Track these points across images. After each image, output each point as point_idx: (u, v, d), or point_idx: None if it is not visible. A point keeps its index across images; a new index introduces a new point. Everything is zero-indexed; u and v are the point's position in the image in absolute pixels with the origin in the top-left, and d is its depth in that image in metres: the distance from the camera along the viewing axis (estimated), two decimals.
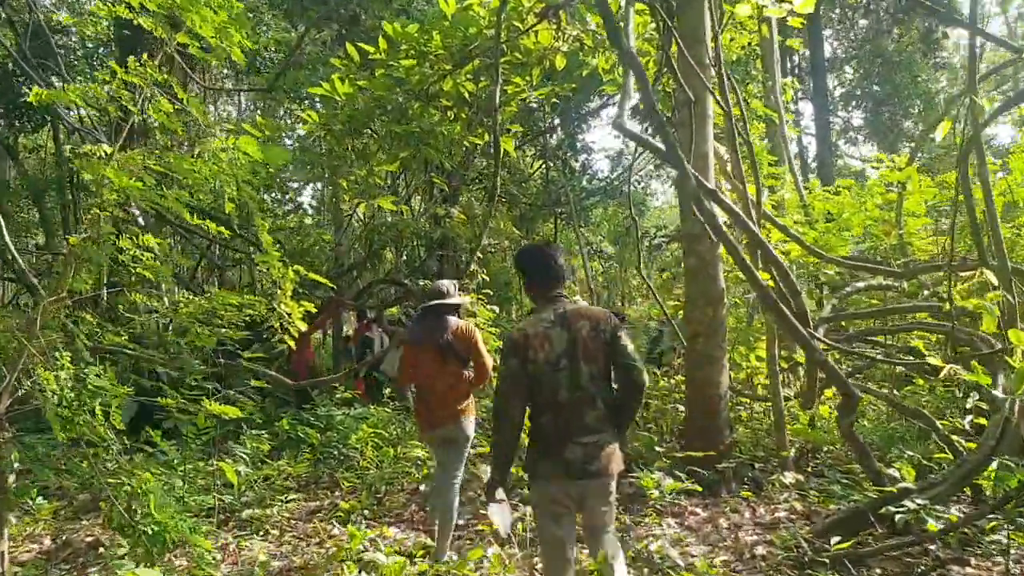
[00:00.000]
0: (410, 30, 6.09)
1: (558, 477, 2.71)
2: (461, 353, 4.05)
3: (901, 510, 3.53)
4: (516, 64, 6.51)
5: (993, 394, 3.93)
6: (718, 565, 3.60)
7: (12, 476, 4.97)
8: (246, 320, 3.87)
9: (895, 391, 5.79)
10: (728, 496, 4.76)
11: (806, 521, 4.24)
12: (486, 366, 4.03)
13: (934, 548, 3.54)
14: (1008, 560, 3.29)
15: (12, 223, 11.88)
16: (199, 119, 3.78)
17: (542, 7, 5.84)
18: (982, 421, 4.42)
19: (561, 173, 15.22)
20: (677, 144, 3.45)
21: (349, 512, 4.81)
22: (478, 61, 6.32)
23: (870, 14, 17.57)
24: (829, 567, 3.42)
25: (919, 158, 8.65)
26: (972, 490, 4.06)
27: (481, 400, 4.37)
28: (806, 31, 13.87)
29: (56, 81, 8.90)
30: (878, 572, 3.43)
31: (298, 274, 3.81)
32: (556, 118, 14.63)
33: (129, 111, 3.51)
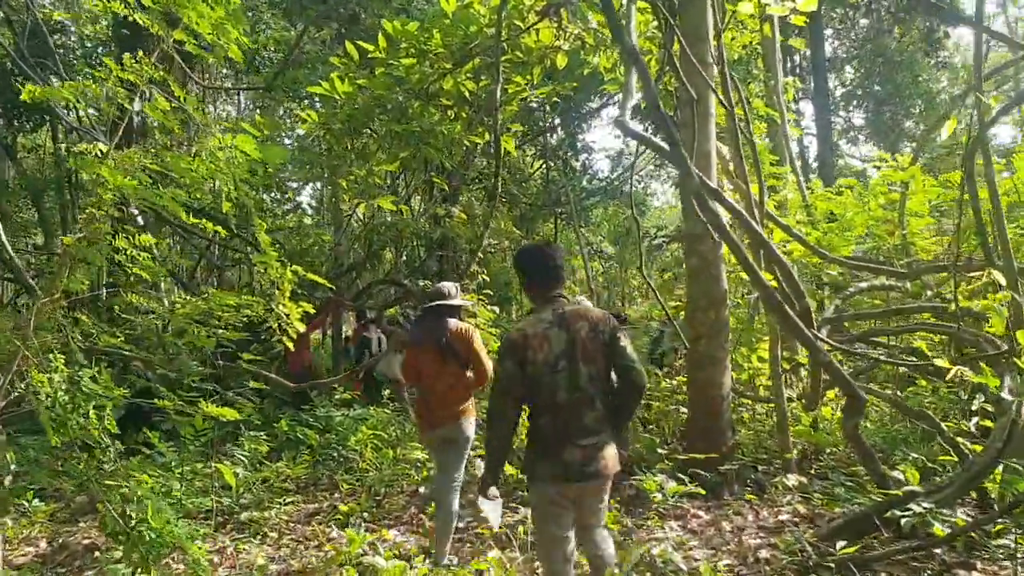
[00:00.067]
0: (410, 28, 6.05)
1: (557, 479, 2.69)
2: (460, 354, 4.04)
3: (907, 514, 3.49)
4: (517, 63, 6.47)
5: (1000, 396, 3.88)
6: (721, 569, 3.56)
7: (8, 478, 4.94)
8: (244, 321, 3.83)
9: (898, 392, 5.74)
10: (731, 498, 4.71)
11: (810, 524, 4.19)
12: (485, 368, 4.00)
13: (940, 552, 3.50)
14: (1016, 565, 3.24)
15: (11, 223, 11.85)
16: (196, 118, 3.74)
17: (543, 5, 5.80)
18: (988, 423, 4.38)
19: (561, 173, 15.20)
20: (680, 143, 3.40)
21: (348, 515, 4.77)
22: (478, 60, 6.29)
23: (871, 13, 17.53)
24: (834, 571, 3.37)
25: (921, 158, 8.60)
26: (978, 493, 4.02)
27: (481, 401, 4.34)
28: (807, 30, 13.82)
29: (54, 80, 8.85)
30: None
31: (296, 274, 3.77)
32: (556, 117, 14.60)
33: (126, 110, 3.47)
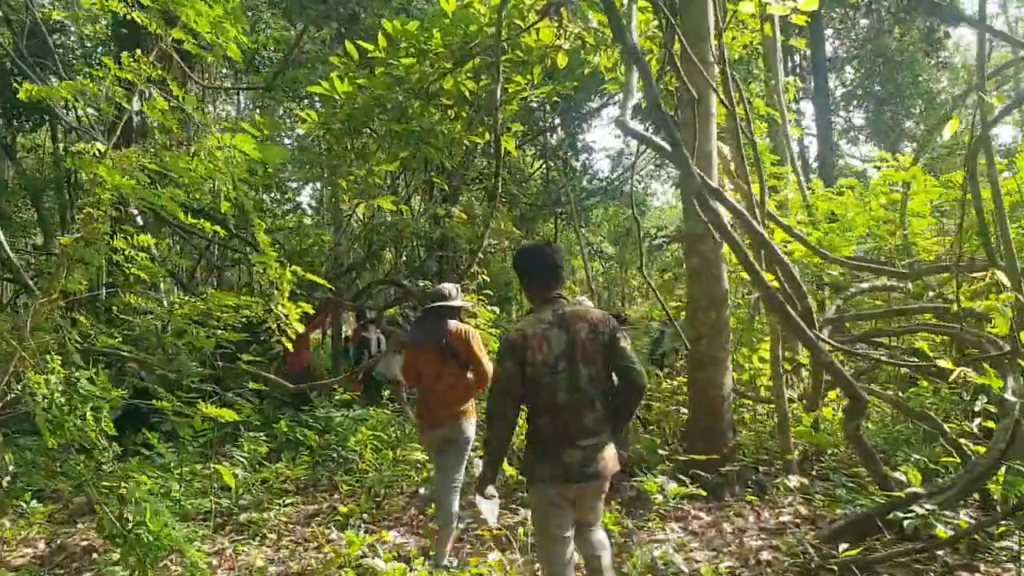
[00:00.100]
0: (410, 28, 6.03)
1: (557, 480, 2.68)
2: (460, 356, 4.03)
3: (910, 515, 3.47)
4: (517, 62, 6.45)
5: (1003, 397, 3.86)
6: (723, 571, 3.54)
7: (6, 479, 4.92)
8: (243, 321, 3.81)
9: (899, 393, 5.72)
10: (732, 500, 4.69)
11: (811, 526, 4.17)
12: (485, 369, 3.98)
13: (942, 554, 3.48)
14: (1020, 567, 3.22)
15: (10, 223, 11.82)
16: (195, 117, 3.72)
17: (544, 4, 5.78)
18: (990, 424, 4.36)
19: (561, 173, 15.18)
20: (682, 143, 3.38)
21: (348, 516, 4.75)
22: (479, 59, 6.27)
23: (871, 13, 17.51)
24: (836, 574, 3.35)
25: (921, 158, 8.57)
26: (980, 495, 4.00)
27: (481, 402, 4.32)
28: (807, 30, 13.80)
29: (54, 80, 8.82)
30: None
31: (295, 275, 3.75)
32: (557, 117, 14.58)
33: (125, 109, 3.45)
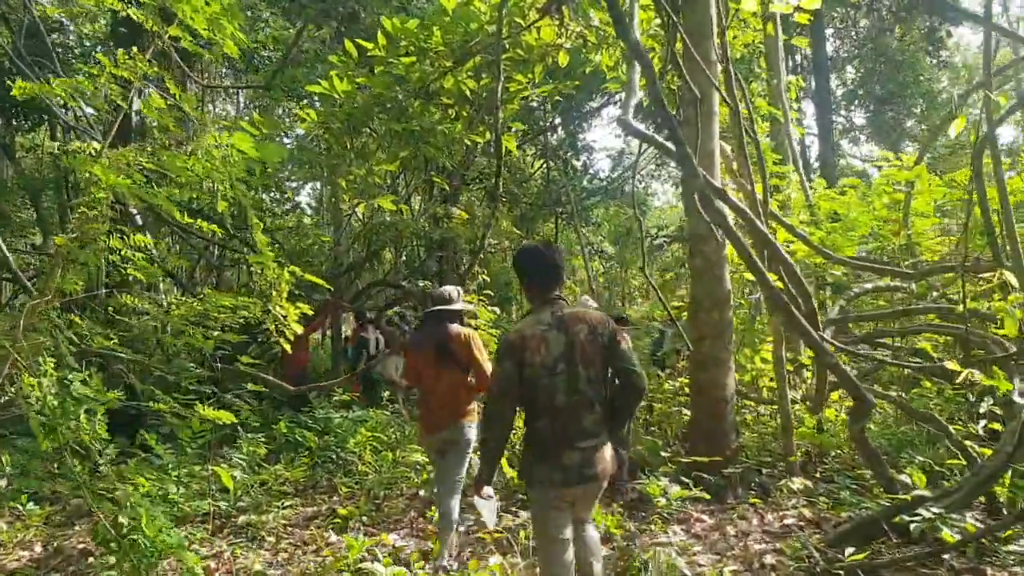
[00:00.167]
0: (410, 26, 5.98)
1: (556, 482, 2.67)
2: (460, 359, 4.00)
3: (916, 519, 3.43)
4: (518, 61, 6.40)
5: (1011, 399, 3.82)
6: (727, 575, 3.50)
7: (3, 482, 4.87)
8: (241, 322, 3.77)
9: (902, 394, 5.68)
10: (735, 502, 4.65)
11: (815, 529, 4.13)
12: (485, 372, 3.95)
13: (949, 558, 3.43)
14: None
15: (9, 223, 11.78)
16: (193, 116, 3.67)
17: (544, 2, 5.73)
18: (996, 426, 4.32)
19: (562, 172, 15.14)
20: (685, 142, 3.34)
21: (347, 518, 4.70)
22: (479, 58, 6.22)
23: (872, 13, 17.46)
24: None
25: (924, 157, 8.51)
26: (986, 498, 3.95)
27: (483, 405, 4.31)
28: (808, 29, 13.75)
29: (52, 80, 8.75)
30: None
31: (294, 275, 3.70)
32: (557, 117, 14.53)
33: (122, 108, 3.41)
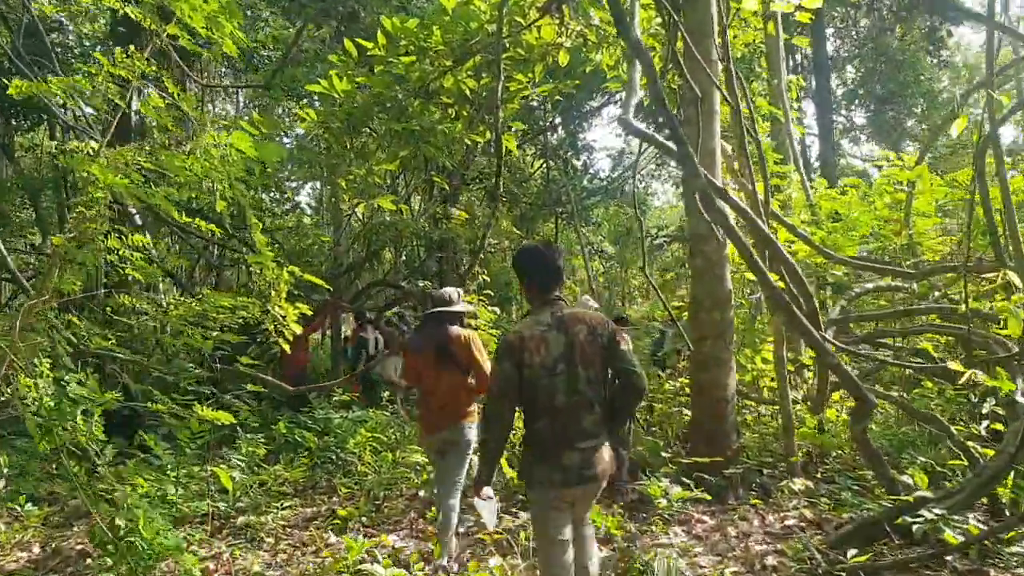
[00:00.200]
0: (409, 25, 5.96)
1: (556, 483, 2.66)
2: (460, 360, 3.99)
3: (919, 520, 3.41)
4: (518, 60, 6.38)
5: (1014, 399, 3.80)
6: None
7: (1, 482, 4.85)
8: (239, 323, 3.75)
9: (904, 395, 5.66)
10: (736, 503, 4.63)
11: (817, 530, 4.11)
12: (485, 374, 3.92)
13: (951, 560, 3.41)
14: None
15: (8, 223, 11.75)
16: (191, 115, 3.65)
17: (545, 1, 5.71)
18: (998, 427, 4.30)
19: (562, 172, 15.11)
20: (687, 142, 3.32)
21: (347, 519, 4.68)
22: (479, 57, 6.20)
23: (872, 12, 17.44)
24: None
25: (925, 156, 8.48)
26: (988, 499, 3.93)
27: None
28: (809, 29, 13.73)
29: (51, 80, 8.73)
30: None
31: (293, 275, 3.68)
32: (557, 116, 14.51)
33: (120, 107, 3.39)
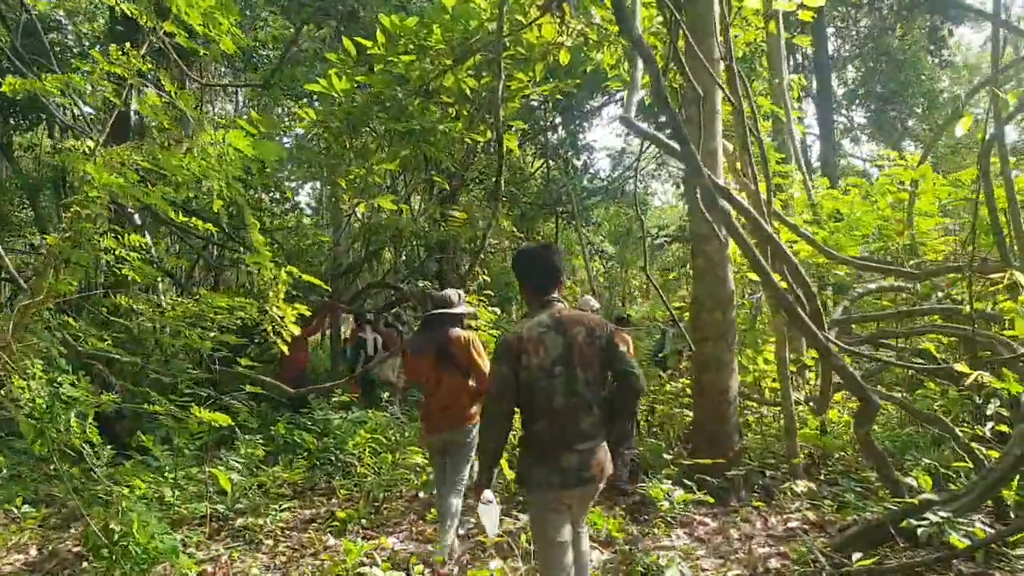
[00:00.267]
0: (409, 24, 5.92)
1: (555, 485, 2.65)
2: (460, 362, 3.97)
3: (924, 523, 3.37)
4: (518, 59, 6.35)
5: (1020, 400, 3.76)
6: None
7: None
8: (238, 324, 3.71)
9: (906, 395, 5.62)
10: (738, 505, 4.59)
11: (820, 532, 4.08)
12: (486, 375, 3.89)
13: (957, 563, 3.38)
14: None
15: (7, 222, 11.72)
16: (190, 114, 3.61)
17: (545, 0, 5.68)
18: (1003, 428, 4.26)
19: (562, 172, 15.07)
20: (690, 141, 3.29)
21: (346, 521, 4.65)
22: (479, 56, 6.17)
23: (873, 12, 17.41)
24: None
25: (927, 156, 8.44)
26: (993, 501, 3.89)
27: None
28: (810, 28, 13.70)
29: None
30: None
31: (292, 275, 3.65)
32: (558, 116, 14.46)
33: (117, 106, 3.36)
